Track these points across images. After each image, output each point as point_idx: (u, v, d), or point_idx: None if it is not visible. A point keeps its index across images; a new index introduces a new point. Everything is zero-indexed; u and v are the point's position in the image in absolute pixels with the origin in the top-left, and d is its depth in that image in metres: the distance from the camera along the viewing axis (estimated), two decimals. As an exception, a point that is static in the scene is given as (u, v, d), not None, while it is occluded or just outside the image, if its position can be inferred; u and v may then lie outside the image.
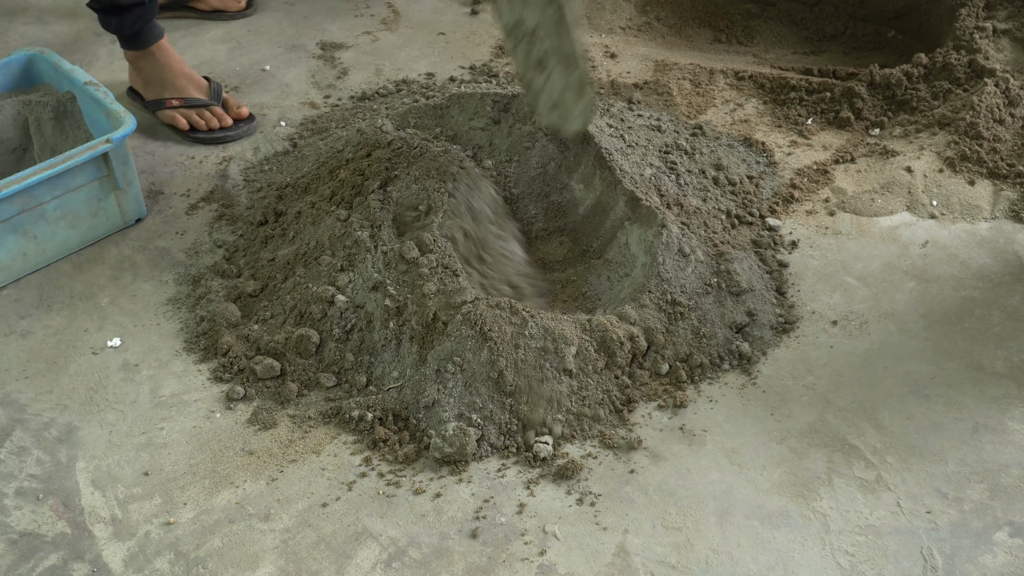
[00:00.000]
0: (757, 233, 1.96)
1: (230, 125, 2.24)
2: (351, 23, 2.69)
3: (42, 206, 1.87)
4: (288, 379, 1.71)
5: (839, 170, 2.14)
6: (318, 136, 2.22)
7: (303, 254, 1.82)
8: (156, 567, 1.45)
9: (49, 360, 1.77)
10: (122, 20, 2.14)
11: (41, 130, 2.03)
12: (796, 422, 1.64)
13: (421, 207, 1.80)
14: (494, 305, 1.63)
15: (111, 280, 1.93)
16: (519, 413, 1.60)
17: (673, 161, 2.01)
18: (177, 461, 1.60)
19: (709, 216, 1.90)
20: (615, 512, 1.51)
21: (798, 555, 1.45)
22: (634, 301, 1.72)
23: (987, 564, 1.44)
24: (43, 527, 1.51)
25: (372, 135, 2.01)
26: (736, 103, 2.33)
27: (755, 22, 2.64)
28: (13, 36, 2.63)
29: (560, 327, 1.63)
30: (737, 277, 1.78)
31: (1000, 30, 2.34)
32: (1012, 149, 2.12)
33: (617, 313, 1.70)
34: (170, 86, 2.23)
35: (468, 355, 1.60)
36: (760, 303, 1.80)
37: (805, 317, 1.83)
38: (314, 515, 1.52)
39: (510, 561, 1.45)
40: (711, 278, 1.77)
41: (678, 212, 1.86)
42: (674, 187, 1.94)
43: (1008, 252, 1.95)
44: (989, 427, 1.63)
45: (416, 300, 1.68)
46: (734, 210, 1.97)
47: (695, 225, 1.85)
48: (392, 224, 1.78)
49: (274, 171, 2.14)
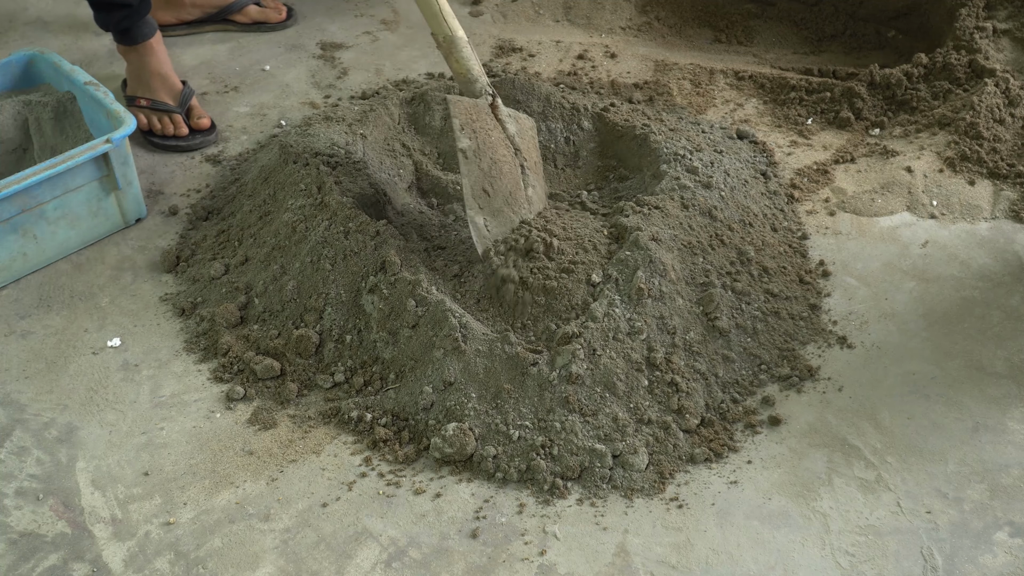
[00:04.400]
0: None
1: (185, 135, 2.23)
2: (351, 23, 2.69)
3: (42, 206, 1.87)
4: (288, 379, 1.71)
5: (839, 170, 2.14)
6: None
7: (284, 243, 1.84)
8: (156, 567, 1.45)
9: (49, 360, 1.77)
10: (108, 16, 2.16)
11: (41, 130, 2.03)
12: (796, 422, 1.64)
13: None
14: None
15: (111, 280, 1.93)
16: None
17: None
18: (177, 461, 1.60)
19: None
20: (615, 512, 1.51)
21: (798, 555, 1.45)
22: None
23: (987, 564, 1.44)
24: (43, 527, 1.51)
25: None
26: (736, 103, 2.33)
27: (755, 22, 2.64)
28: (13, 36, 2.63)
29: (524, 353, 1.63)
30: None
31: (1000, 30, 2.34)
32: (1012, 149, 2.12)
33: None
34: (144, 85, 2.24)
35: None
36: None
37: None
38: (314, 515, 1.52)
39: (510, 561, 1.45)
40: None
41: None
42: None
43: (1008, 252, 1.95)
44: (989, 427, 1.63)
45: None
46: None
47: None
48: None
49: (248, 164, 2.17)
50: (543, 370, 1.61)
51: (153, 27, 2.22)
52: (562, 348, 1.62)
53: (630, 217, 1.81)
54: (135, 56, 2.23)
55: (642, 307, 1.68)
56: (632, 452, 1.56)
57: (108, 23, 2.18)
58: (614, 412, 1.59)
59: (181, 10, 2.58)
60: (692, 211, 1.85)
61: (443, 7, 1.79)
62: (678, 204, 1.86)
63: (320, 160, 1.94)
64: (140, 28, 2.19)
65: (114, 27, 2.18)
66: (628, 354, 1.64)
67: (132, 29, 2.18)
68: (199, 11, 2.60)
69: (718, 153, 2.03)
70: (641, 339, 1.66)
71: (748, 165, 2.07)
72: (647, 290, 1.68)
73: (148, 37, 2.21)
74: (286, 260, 1.82)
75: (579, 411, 1.59)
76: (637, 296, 1.67)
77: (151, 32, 2.21)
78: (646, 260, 1.71)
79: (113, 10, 2.15)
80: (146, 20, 2.19)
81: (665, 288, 1.71)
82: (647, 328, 1.66)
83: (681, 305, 1.72)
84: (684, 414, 1.61)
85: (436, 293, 1.69)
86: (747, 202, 1.94)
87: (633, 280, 1.68)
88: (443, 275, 1.76)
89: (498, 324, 1.71)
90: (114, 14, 2.15)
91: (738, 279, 1.79)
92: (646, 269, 1.70)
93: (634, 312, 1.67)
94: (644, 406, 1.61)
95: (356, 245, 1.77)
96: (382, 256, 1.75)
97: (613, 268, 1.72)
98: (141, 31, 2.19)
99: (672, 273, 1.72)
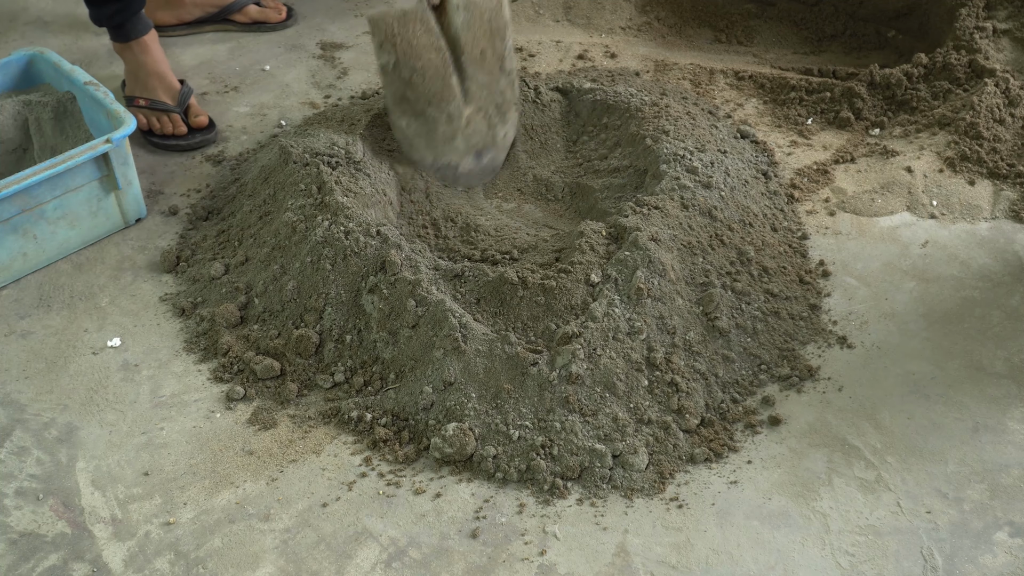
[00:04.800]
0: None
1: (184, 134, 2.23)
2: (351, 23, 2.69)
3: (42, 206, 1.87)
4: (288, 379, 1.71)
5: (839, 170, 2.14)
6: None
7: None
8: (156, 567, 1.45)
9: (49, 360, 1.77)
10: (101, 11, 2.17)
11: (41, 130, 2.03)
12: (796, 422, 1.64)
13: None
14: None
15: (111, 280, 1.93)
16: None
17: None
18: (177, 461, 1.60)
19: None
20: (615, 512, 1.51)
21: (798, 555, 1.45)
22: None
23: (987, 564, 1.44)
24: (43, 527, 1.51)
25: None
26: (736, 103, 2.33)
27: (755, 22, 2.64)
28: (13, 36, 2.63)
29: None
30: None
31: (1000, 30, 2.34)
32: (1012, 149, 2.12)
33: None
34: (141, 85, 2.25)
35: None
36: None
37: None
38: (314, 515, 1.52)
39: (510, 561, 1.45)
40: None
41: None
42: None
43: (1008, 252, 1.95)
44: (989, 427, 1.63)
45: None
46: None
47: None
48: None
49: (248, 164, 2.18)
50: (543, 370, 1.61)
51: (148, 25, 2.23)
52: (562, 348, 1.62)
53: (629, 217, 1.81)
54: (131, 55, 2.23)
55: (642, 307, 1.68)
56: (632, 452, 1.56)
57: (101, 18, 2.19)
58: (614, 412, 1.59)
59: (181, 10, 2.58)
60: (692, 211, 1.85)
61: None
62: (678, 204, 1.86)
63: (320, 160, 1.94)
64: (134, 24, 2.20)
65: (108, 23, 2.19)
66: (628, 354, 1.64)
67: (126, 25, 2.19)
68: (199, 11, 2.60)
69: (721, 153, 2.03)
70: (641, 339, 1.66)
71: (749, 165, 2.07)
72: (647, 290, 1.68)
73: (142, 34, 2.21)
74: (286, 260, 1.82)
75: (579, 411, 1.59)
76: (637, 296, 1.67)
77: (145, 29, 2.22)
78: (645, 260, 1.71)
79: (105, 4, 2.16)
80: (140, 17, 2.20)
81: (665, 288, 1.71)
82: (647, 328, 1.66)
83: (681, 305, 1.72)
84: (684, 414, 1.61)
85: (436, 293, 1.69)
86: (747, 202, 1.94)
87: (633, 280, 1.68)
88: (443, 275, 1.76)
89: (498, 323, 1.71)
90: (106, 8, 2.16)
91: (738, 279, 1.79)
92: (645, 269, 1.70)
93: (634, 312, 1.67)
94: (644, 406, 1.61)
95: (356, 245, 1.77)
96: (382, 256, 1.75)
97: (612, 268, 1.71)
98: (135, 27, 2.20)
99: (672, 273, 1.72)
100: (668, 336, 1.68)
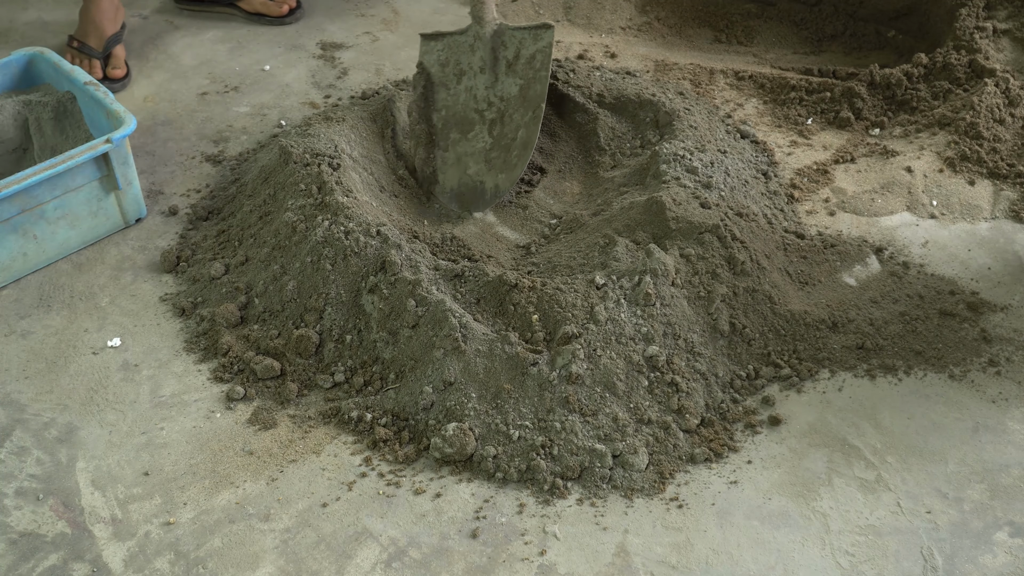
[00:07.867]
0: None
1: (98, 79, 2.37)
2: (351, 23, 2.69)
3: (42, 206, 1.87)
4: (288, 379, 1.71)
5: (839, 170, 2.14)
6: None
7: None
8: (156, 567, 1.45)
9: (49, 360, 1.77)
10: None
11: (41, 130, 2.03)
12: (796, 422, 1.64)
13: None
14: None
15: (111, 280, 1.93)
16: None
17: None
18: (177, 461, 1.60)
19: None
20: (615, 512, 1.51)
21: (798, 555, 1.45)
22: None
23: (987, 564, 1.44)
24: (43, 527, 1.51)
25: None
26: (736, 103, 2.33)
27: (755, 22, 2.64)
28: (13, 36, 2.63)
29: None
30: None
31: (1000, 30, 2.34)
32: (1012, 149, 2.12)
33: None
34: (80, 28, 2.45)
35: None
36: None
37: (805, 317, 1.83)
38: (314, 515, 1.52)
39: (510, 561, 1.45)
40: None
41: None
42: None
43: (1008, 252, 1.95)
44: (989, 427, 1.63)
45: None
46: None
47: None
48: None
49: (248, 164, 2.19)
50: (543, 370, 1.61)
51: None
52: (562, 348, 1.62)
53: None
54: (85, 2, 2.44)
55: (643, 308, 1.68)
56: (632, 452, 1.56)
57: None
58: (614, 412, 1.59)
59: None
60: None
61: None
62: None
63: (320, 160, 1.94)
64: None
65: None
66: (628, 354, 1.64)
67: None
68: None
69: (721, 153, 2.03)
70: (641, 339, 1.66)
71: (749, 165, 2.07)
72: (652, 294, 1.68)
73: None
74: (286, 260, 1.82)
75: (579, 411, 1.59)
76: (638, 298, 1.67)
77: None
78: (651, 264, 1.71)
79: None
80: None
81: (665, 289, 1.71)
82: (647, 328, 1.66)
83: (684, 307, 1.72)
84: (684, 414, 1.62)
85: (436, 293, 1.69)
86: (747, 202, 1.94)
87: (641, 285, 1.68)
88: (443, 275, 1.76)
89: (498, 324, 1.71)
90: None
91: (738, 279, 1.79)
92: (646, 270, 1.69)
93: (634, 312, 1.67)
94: (644, 406, 1.61)
95: (356, 245, 1.77)
96: (382, 256, 1.75)
97: (613, 269, 1.71)
98: None
99: (672, 274, 1.72)
100: (672, 340, 1.68)
